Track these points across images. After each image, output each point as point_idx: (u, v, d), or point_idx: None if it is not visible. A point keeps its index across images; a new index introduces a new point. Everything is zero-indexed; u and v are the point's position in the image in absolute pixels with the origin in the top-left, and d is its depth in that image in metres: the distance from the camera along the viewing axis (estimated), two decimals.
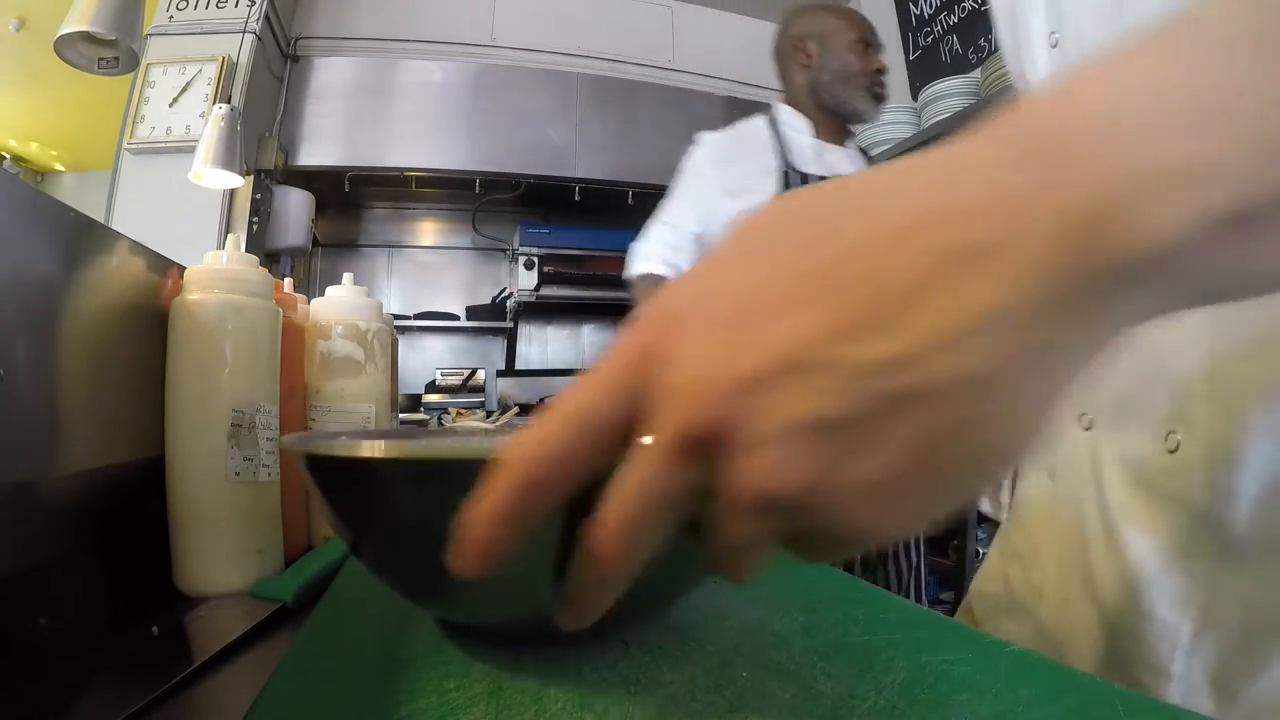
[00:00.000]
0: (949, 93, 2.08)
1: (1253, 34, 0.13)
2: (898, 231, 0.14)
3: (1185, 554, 0.31)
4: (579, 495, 0.17)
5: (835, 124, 1.34)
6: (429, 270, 3.30)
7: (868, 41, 1.32)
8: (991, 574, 0.46)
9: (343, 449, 0.25)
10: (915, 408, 0.13)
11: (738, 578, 0.18)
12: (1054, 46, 0.36)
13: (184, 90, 2.08)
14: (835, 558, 0.17)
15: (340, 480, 0.26)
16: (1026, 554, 0.42)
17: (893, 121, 2.27)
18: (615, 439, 0.16)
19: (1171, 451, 0.31)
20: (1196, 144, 0.13)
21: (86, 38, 1.17)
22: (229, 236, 0.51)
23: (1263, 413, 0.27)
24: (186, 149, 1.93)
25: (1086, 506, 0.37)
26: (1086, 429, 0.37)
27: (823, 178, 1.15)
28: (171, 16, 2.17)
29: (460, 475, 0.21)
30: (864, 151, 1.43)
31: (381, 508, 0.26)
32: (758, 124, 1.36)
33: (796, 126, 1.33)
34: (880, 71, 1.30)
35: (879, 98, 1.32)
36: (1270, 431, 0.27)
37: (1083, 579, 0.37)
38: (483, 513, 0.17)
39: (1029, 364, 0.13)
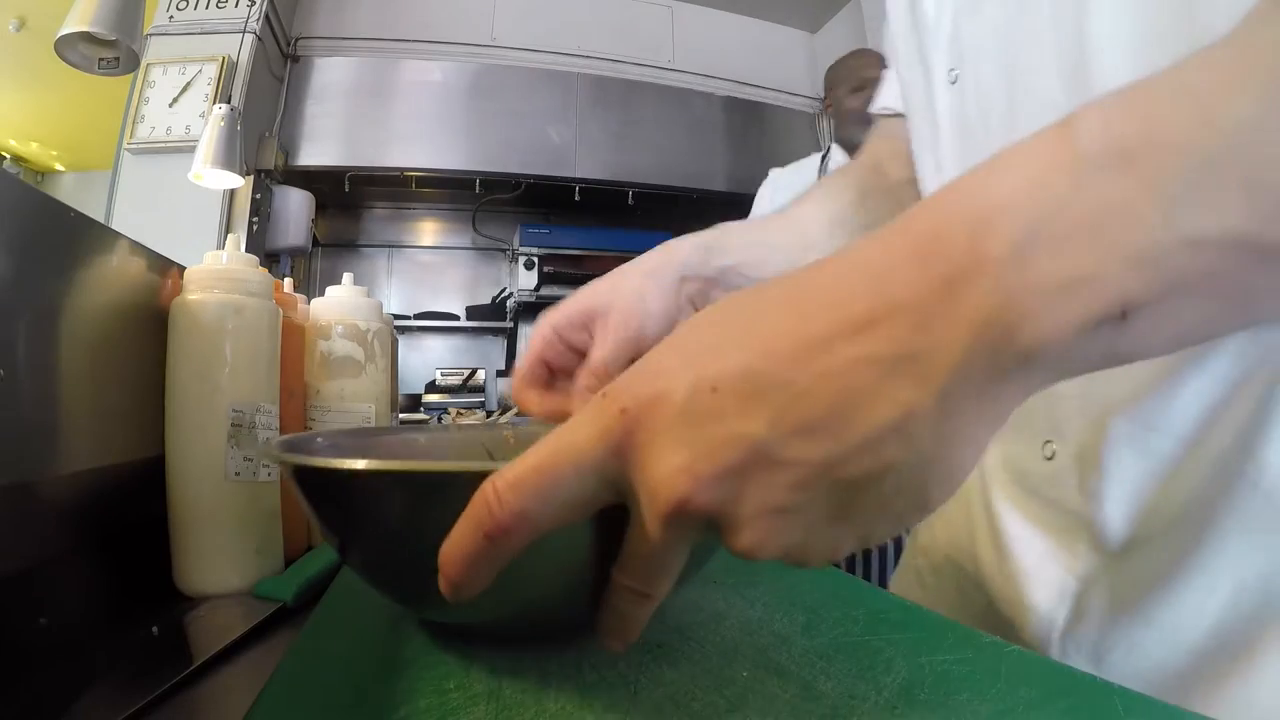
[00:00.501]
0: None
1: (1115, 150, 0.15)
2: (826, 338, 0.17)
3: (1062, 551, 0.35)
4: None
5: None
6: (429, 270, 3.30)
7: (869, 80, 1.47)
8: (904, 568, 0.50)
9: (318, 461, 0.26)
10: (856, 489, 0.17)
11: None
12: (953, 83, 0.38)
13: (184, 90, 2.08)
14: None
15: (322, 490, 0.27)
16: (930, 548, 0.47)
17: None
18: (584, 511, 0.20)
19: (1048, 459, 0.35)
20: (1081, 259, 0.15)
21: (87, 38, 1.17)
22: (229, 236, 0.51)
23: (1125, 424, 0.31)
24: (186, 149, 1.93)
25: (974, 507, 0.41)
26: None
27: None
28: (171, 16, 2.17)
29: (438, 489, 0.23)
30: None
31: (359, 517, 0.26)
32: (814, 159, 1.69)
33: (838, 161, 1.61)
34: None
35: None
36: (1132, 441, 0.31)
37: (973, 572, 0.41)
38: (455, 554, 0.20)
39: (947, 445, 0.16)
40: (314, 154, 2.46)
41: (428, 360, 3.13)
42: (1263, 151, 0.14)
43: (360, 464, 0.23)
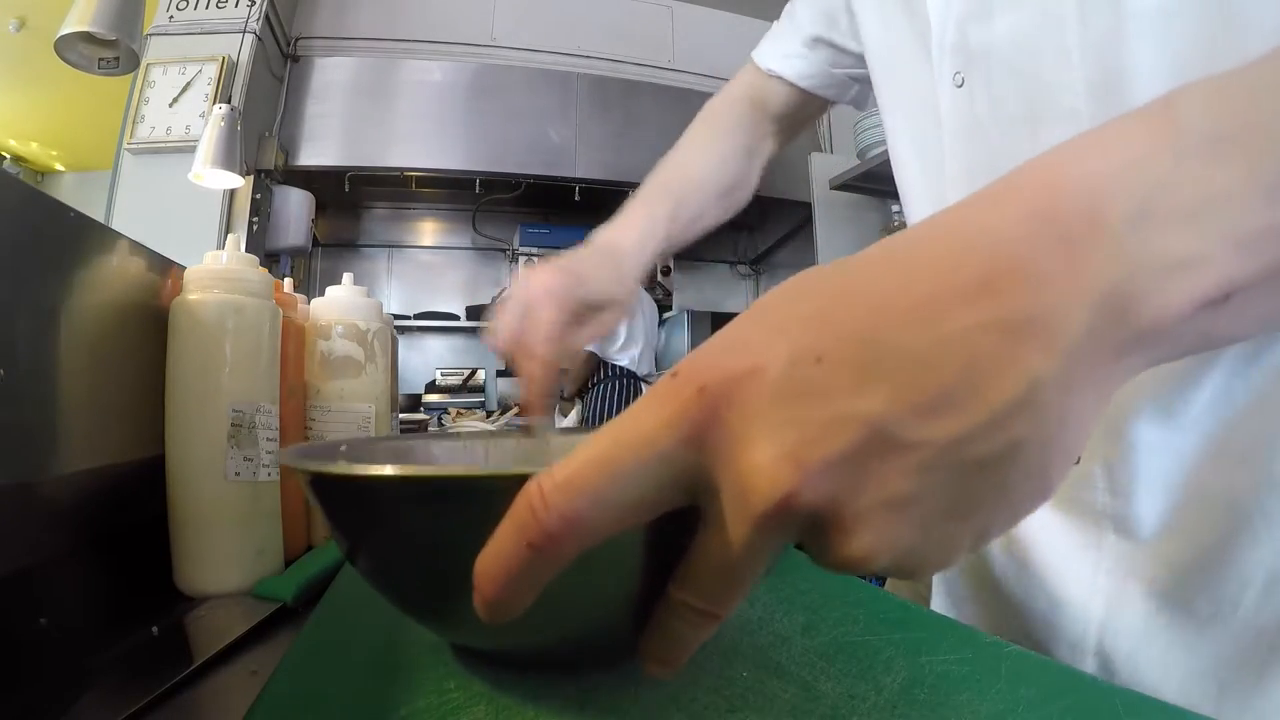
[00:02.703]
0: None
1: (1217, 134, 0.15)
2: (943, 302, 0.15)
3: (1089, 547, 0.36)
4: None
5: None
6: (429, 270, 3.30)
7: None
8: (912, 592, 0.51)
9: (340, 469, 0.23)
10: (981, 473, 0.15)
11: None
12: (959, 86, 0.38)
13: (184, 90, 2.08)
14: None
15: (338, 499, 0.25)
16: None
17: None
18: (646, 515, 0.16)
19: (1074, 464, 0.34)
20: (1191, 240, 0.15)
21: (87, 38, 1.17)
22: (229, 236, 0.51)
23: (1145, 429, 0.32)
24: (186, 149, 1.93)
25: None
26: None
27: None
28: (171, 16, 2.17)
29: (466, 497, 0.21)
30: None
31: (379, 527, 0.24)
32: None
33: None
34: None
35: None
36: (1153, 445, 0.32)
37: (983, 577, 0.42)
38: (493, 567, 0.17)
39: (1066, 423, 0.15)
40: (314, 154, 2.46)
41: (428, 360, 3.13)
42: None
43: (387, 470, 0.21)
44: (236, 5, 2.19)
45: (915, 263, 0.16)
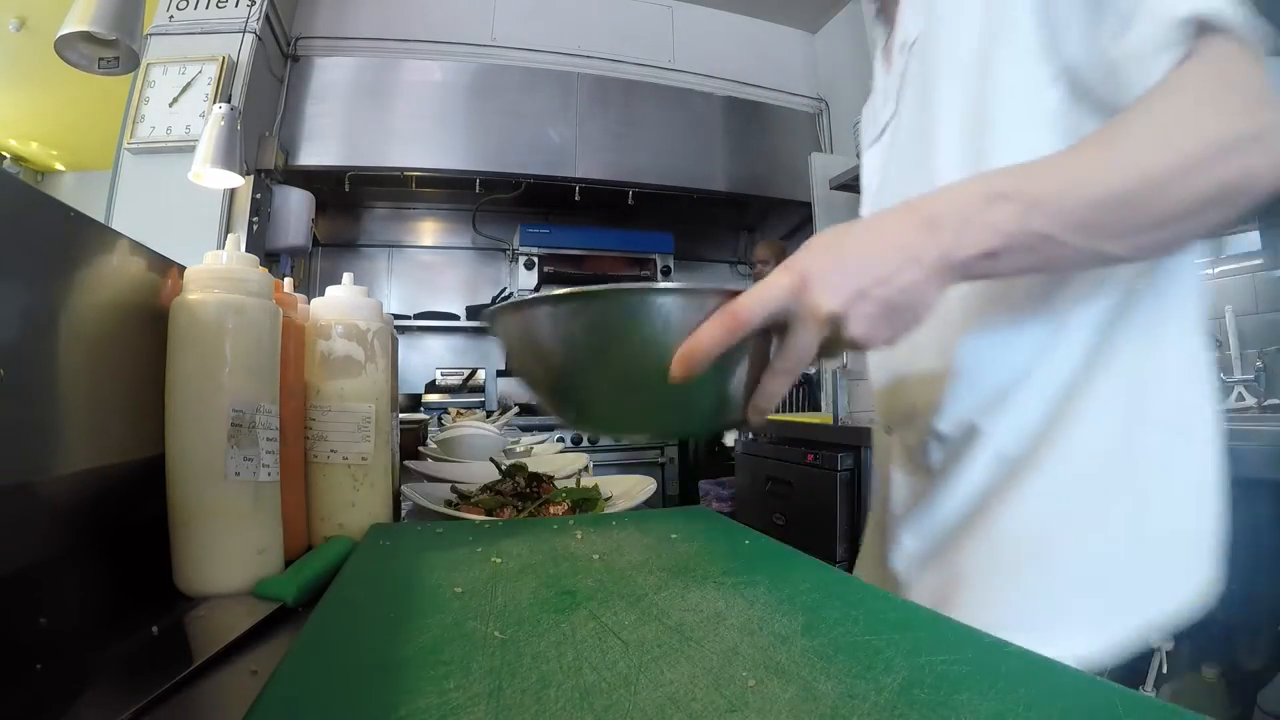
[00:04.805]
0: None
1: (998, 192, 0.40)
2: (888, 250, 0.39)
3: (923, 504, 0.59)
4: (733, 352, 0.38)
5: None
6: (429, 270, 3.30)
7: None
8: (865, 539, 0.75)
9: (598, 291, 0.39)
10: (897, 309, 0.38)
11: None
12: (874, 144, 0.67)
13: (184, 90, 2.08)
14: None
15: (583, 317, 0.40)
16: (870, 522, 0.75)
17: None
18: (762, 323, 0.38)
19: (925, 441, 0.59)
20: (980, 232, 0.39)
21: (86, 37, 1.17)
22: (229, 236, 0.51)
23: (979, 417, 0.54)
24: (186, 149, 1.93)
25: (879, 482, 0.69)
26: (888, 432, 0.67)
27: None
28: (171, 16, 2.17)
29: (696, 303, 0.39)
30: None
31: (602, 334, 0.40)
32: None
33: None
34: None
35: None
36: (982, 433, 0.54)
37: (880, 529, 0.68)
38: (705, 338, 0.37)
39: (925, 295, 0.39)
40: (314, 154, 2.47)
41: (428, 360, 3.13)
42: (1054, 202, 0.39)
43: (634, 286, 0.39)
44: (236, 5, 2.19)
45: (874, 231, 0.40)
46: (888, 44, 0.65)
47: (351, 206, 3.16)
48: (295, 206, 2.40)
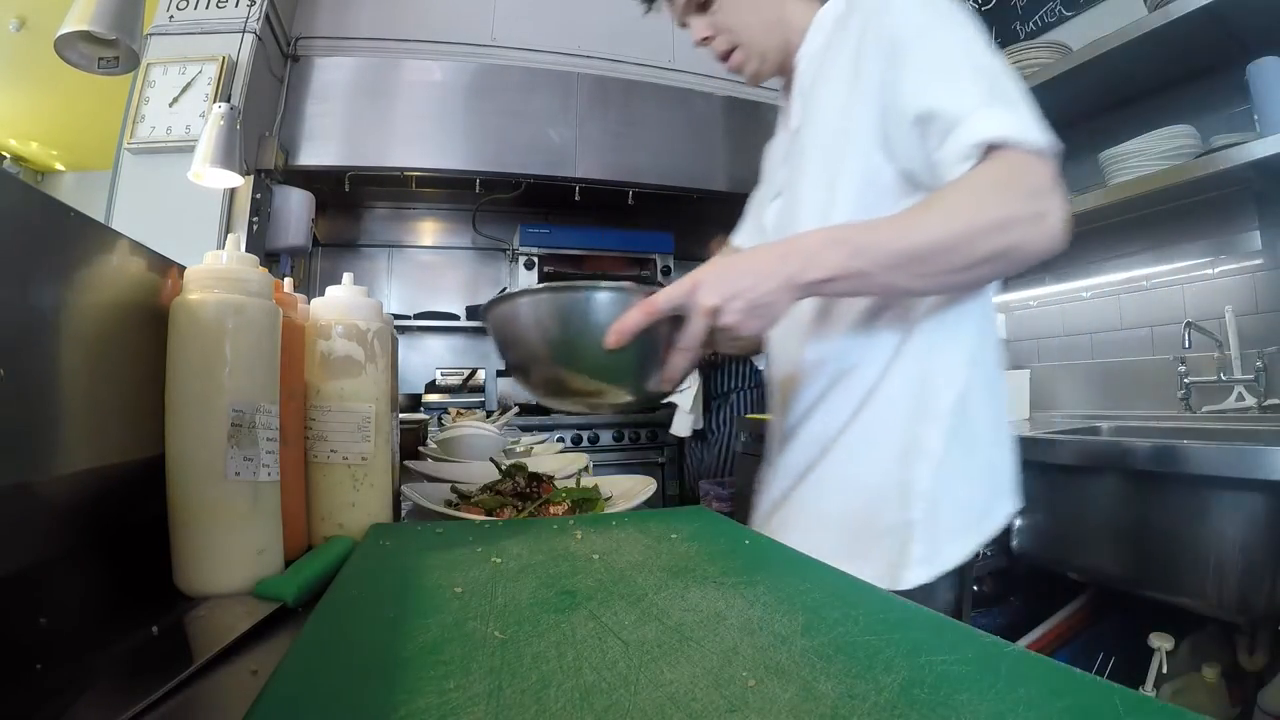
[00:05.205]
0: None
1: (834, 239, 0.59)
2: (757, 269, 0.58)
3: (774, 470, 0.84)
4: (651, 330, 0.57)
5: None
6: (429, 270, 3.30)
7: None
8: None
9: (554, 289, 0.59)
10: (759, 307, 0.57)
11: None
12: (777, 197, 0.85)
13: (184, 90, 2.08)
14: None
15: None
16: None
17: None
18: (672, 313, 0.57)
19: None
20: (822, 266, 0.58)
21: (86, 37, 1.17)
22: (229, 236, 0.51)
23: (813, 408, 0.78)
24: (186, 149, 1.93)
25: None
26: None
27: None
28: (171, 16, 2.17)
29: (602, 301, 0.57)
30: None
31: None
32: None
33: None
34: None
35: None
36: (811, 419, 0.78)
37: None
38: (630, 318, 0.56)
39: (777, 303, 0.57)
40: (314, 154, 2.46)
41: (428, 360, 3.13)
42: (870, 250, 0.58)
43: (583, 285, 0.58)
44: (236, 5, 2.19)
45: (748, 256, 0.60)
46: (787, 124, 0.87)
47: (351, 206, 3.16)
48: (295, 206, 2.40)
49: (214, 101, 1.99)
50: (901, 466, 0.68)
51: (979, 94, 0.60)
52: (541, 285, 0.59)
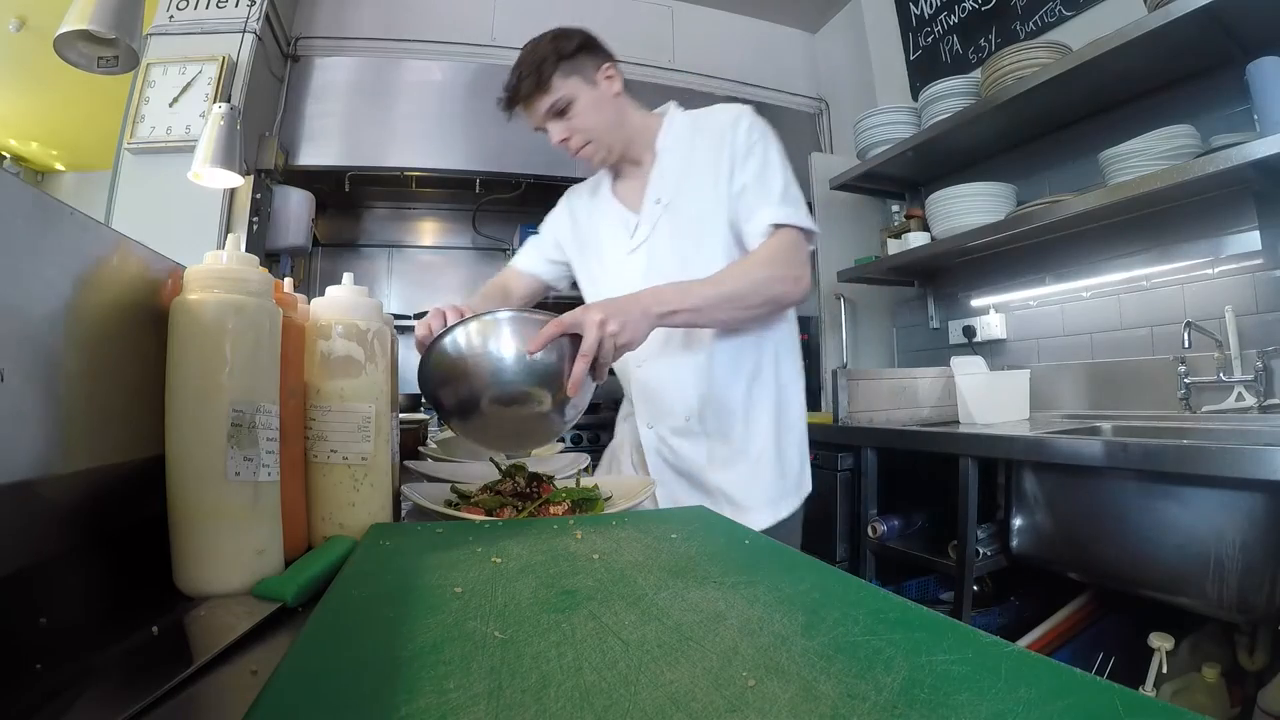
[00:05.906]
0: (949, 93, 2.07)
1: (681, 291, 0.95)
2: (628, 304, 0.88)
3: (676, 458, 1.15)
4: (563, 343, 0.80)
5: None
6: (429, 270, 3.30)
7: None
8: None
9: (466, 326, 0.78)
10: (631, 328, 0.86)
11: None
12: (634, 251, 1.17)
13: (184, 90, 2.08)
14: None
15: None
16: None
17: (893, 122, 2.28)
18: (573, 330, 0.80)
19: (686, 420, 1.12)
20: (668, 306, 0.92)
21: (86, 36, 1.17)
22: (229, 236, 0.51)
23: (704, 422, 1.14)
24: (186, 149, 1.93)
25: (638, 456, 1.20)
26: (649, 427, 1.15)
27: None
28: (171, 16, 2.17)
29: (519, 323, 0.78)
30: None
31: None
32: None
33: None
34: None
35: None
36: (720, 414, 1.12)
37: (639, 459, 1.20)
38: (545, 331, 0.78)
39: (640, 331, 0.88)
40: (314, 154, 2.46)
41: None
42: (693, 296, 0.95)
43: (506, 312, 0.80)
44: (236, 5, 2.19)
45: (625, 297, 0.90)
46: (629, 189, 1.20)
47: (351, 206, 3.15)
48: (295, 206, 2.40)
49: (214, 101, 1.99)
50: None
51: (776, 194, 1.04)
52: (469, 316, 0.79)
